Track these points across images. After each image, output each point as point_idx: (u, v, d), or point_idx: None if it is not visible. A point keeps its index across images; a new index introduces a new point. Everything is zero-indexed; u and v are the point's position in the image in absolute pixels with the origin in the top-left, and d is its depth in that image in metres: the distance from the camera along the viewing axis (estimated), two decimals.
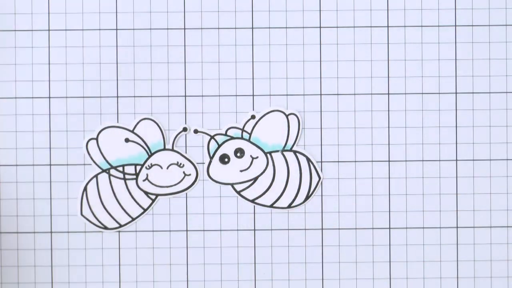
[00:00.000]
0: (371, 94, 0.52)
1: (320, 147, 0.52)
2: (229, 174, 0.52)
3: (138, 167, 0.52)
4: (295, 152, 0.52)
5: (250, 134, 0.52)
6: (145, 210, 0.52)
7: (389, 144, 0.52)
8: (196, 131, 0.52)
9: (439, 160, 0.52)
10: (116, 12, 0.52)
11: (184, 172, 0.52)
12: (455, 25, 0.52)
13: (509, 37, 0.52)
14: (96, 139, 0.52)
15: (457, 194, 0.52)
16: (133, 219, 0.52)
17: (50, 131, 0.52)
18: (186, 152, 0.52)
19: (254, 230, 0.52)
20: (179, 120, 0.52)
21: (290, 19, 0.52)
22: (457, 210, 0.52)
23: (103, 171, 0.52)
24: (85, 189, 0.52)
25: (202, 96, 0.52)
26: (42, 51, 0.52)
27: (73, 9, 0.52)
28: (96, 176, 0.52)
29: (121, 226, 0.52)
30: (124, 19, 0.52)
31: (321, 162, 0.52)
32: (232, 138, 0.52)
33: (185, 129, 0.52)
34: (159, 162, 0.52)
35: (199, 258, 0.52)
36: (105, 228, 0.52)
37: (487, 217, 0.52)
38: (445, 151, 0.52)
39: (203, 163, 0.52)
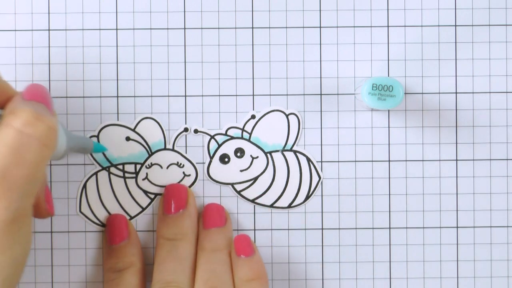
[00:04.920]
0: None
1: (320, 147, 0.52)
2: (229, 174, 0.52)
3: (138, 166, 0.52)
4: (295, 152, 0.52)
5: (250, 134, 0.52)
6: (143, 209, 0.52)
7: (389, 144, 0.52)
8: (196, 131, 0.52)
9: (439, 160, 0.52)
10: (116, 12, 0.52)
11: (184, 173, 0.52)
12: (455, 25, 0.52)
13: (509, 37, 0.52)
14: (97, 136, 0.52)
15: (457, 194, 0.52)
16: (131, 218, 0.52)
17: None
18: (186, 152, 0.52)
19: (254, 230, 0.52)
20: (179, 120, 0.52)
21: (290, 19, 0.52)
22: (457, 210, 0.52)
23: (103, 168, 0.52)
24: (84, 186, 0.52)
25: (202, 96, 0.52)
26: (42, 51, 0.52)
27: (73, 9, 0.52)
28: (96, 173, 0.52)
29: None
30: (124, 19, 0.52)
31: (321, 162, 0.52)
32: (232, 138, 0.52)
33: (186, 129, 0.52)
34: (159, 162, 0.52)
35: None
36: (103, 225, 0.52)
37: (487, 217, 0.52)
38: (445, 151, 0.52)
39: (203, 163, 0.52)
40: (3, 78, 0.43)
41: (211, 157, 0.52)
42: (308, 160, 0.52)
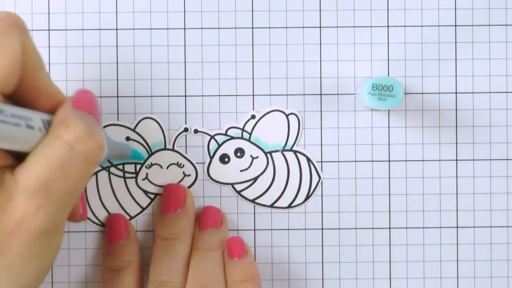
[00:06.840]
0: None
1: (320, 147, 0.52)
2: (229, 174, 0.52)
3: (138, 166, 0.52)
4: (295, 152, 0.52)
5: (250, 134, 0.52)
6: (143, 209, 0.52)
7: (389, 144, 0.52)
8: (196, 131, 0.52)
9: (439, 160, 0.52)
10: (116, 12, 0.52)
11: (184, 173, 0.52)
12: (455, 25, 0.52)
13: (509, 37, 0.52)
14: None
15: (457, 194, 0.52)
16: (131, 218, 0.52)
17: None
18: (186, 152, 0.52)
19: (254, 230, 0.52)
20: (179, 120, 0.52)
21: (290, 19, 0.52)
22: (457, 210, 0.52)
23: (103, 168, 0.52)
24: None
25: (202, 96, 0.52)
26: (42, 51, 0.51)
27: (73, 9, 0.52)
28: (95, 173, 0.52)
29: None
30: (124, 19, 0.52)
31: (321, 162, 0.52)
32: (232, 138, 0.52)
33: (186, 129, 0.52)
34: (159, 162, 0.52)
35: None
36: (103, 225, 0.52)
37: (487, 217, 0.52)
38: (445, 151, 0.52)
39: (203, 163, 0.52)
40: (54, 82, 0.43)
41: (211, 157, 0.52)
42: (308, 160, 0.52)
